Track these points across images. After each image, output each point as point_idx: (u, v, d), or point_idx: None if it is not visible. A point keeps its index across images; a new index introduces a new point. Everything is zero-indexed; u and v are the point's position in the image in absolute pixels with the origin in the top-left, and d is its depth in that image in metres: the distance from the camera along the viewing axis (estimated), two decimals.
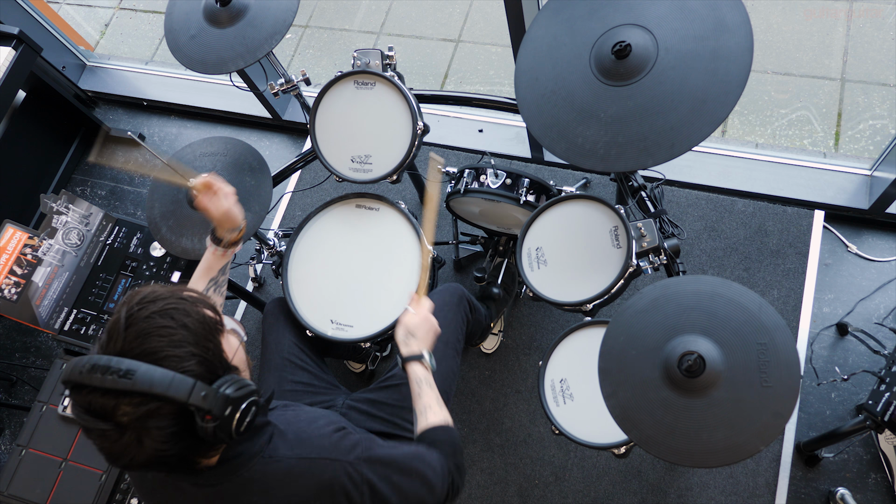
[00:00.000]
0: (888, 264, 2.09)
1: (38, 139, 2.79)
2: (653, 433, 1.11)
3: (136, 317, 0.88)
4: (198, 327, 0.90)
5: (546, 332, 2.18)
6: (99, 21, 3.56)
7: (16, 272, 1.75)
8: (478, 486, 2.04)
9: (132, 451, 0.85)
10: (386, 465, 1.10)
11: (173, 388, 0.84)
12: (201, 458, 0.97)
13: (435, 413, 1.25)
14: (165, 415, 0.85)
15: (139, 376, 0.83)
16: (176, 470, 0.97)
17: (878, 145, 2.37)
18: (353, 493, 1.05)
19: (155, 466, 0.90)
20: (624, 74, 1.27)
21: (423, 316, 1.34)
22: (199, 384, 0.86)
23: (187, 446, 0.90)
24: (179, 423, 0.87)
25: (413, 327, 1.33)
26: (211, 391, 0.87)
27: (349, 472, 1.05)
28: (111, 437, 0.85)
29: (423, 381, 1.28)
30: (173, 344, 0.87)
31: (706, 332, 1.13)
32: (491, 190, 1.76)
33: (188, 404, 0.85)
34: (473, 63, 2.94)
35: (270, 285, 2.48)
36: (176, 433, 0.87)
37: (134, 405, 0.83)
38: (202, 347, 0.90)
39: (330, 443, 1.08)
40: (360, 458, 1.07)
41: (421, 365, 1.30)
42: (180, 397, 0.84)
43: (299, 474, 1.03)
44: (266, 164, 1.72)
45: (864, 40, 2.56)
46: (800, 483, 1.88)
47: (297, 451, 1.05)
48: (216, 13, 1.64)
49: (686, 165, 2.31)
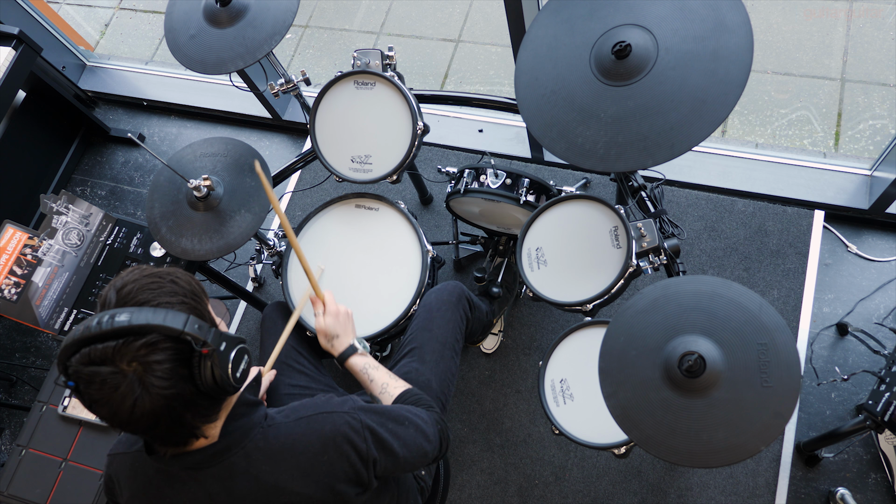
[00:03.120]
0: (888, 264, 2.09)
1: (38, 139, 2.79)
2: (653, 433, 1.11)
3: (123, 282, 0.91)
4: (185, 285, 0.94)
5: (546, 332, 2.18)
6: (99, 21, 3.56)
7: (16, 272, 1.75)
8: (478, 486, 2.04)
9: (135, 395, 0.85)
10: (380, 415, 1.13)
11: (168, 319, 0.86)
12: (201, 423, 0.97)
13: (395, 387, 1.29)
14: (164, 349, 0.86)
15: (134, 315, 0.85)
16: (177, 436, 0.96)
17: (878, 145, 2.37)
18: (358, 440, 1.06)
19: (158, 422, 0.90)
20: (624, 74, 1.27)
21: (331, 312, 1.39)
22: (193, 318, 0.89)
23: (188, 395, 0.90)
24: (178, 359, 0.88)
25: (329, 328, 1.37)
26: (204, 324, 0.90)
27: (348, 421, 1.07)
28: (113, 383, 0.84)
29: (367, 367, 1.33)
30: (164, 294, 0.91)
31: (706, 332, 1.13)
32: (491, 190, 1.76)
33: (184, 333, 0.87)
34: (473, 63, 2.94)
35: (270, 285, 2.48)
36: (175, 370, 0.88)
37: (131, 343, 0.85)
38: (191, 299, 0.93)
39: (322, 401, 1.11)
40: (355, 408, 1.10)
41: (357, 355, 1.34)
42: (176, 326, 0.86)
43: (301, 434, 1.05)
44: (266, 164, 1.72)
45: (864, 40, 2.56)
46: (800, 483, 1.88)
47: (293, 416, 1.07)
48: (216, 13, 1.64)
49: (686, 165, 2.31)
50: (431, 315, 1.61)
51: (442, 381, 1.54)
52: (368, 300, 1.69)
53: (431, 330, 1.58)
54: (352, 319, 1.43)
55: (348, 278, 1.72)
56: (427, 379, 1.51)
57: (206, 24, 1.66)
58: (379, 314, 1.67)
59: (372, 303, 1.69)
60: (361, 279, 1.72)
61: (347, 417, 1.08)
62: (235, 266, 2.46)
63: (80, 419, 1.81)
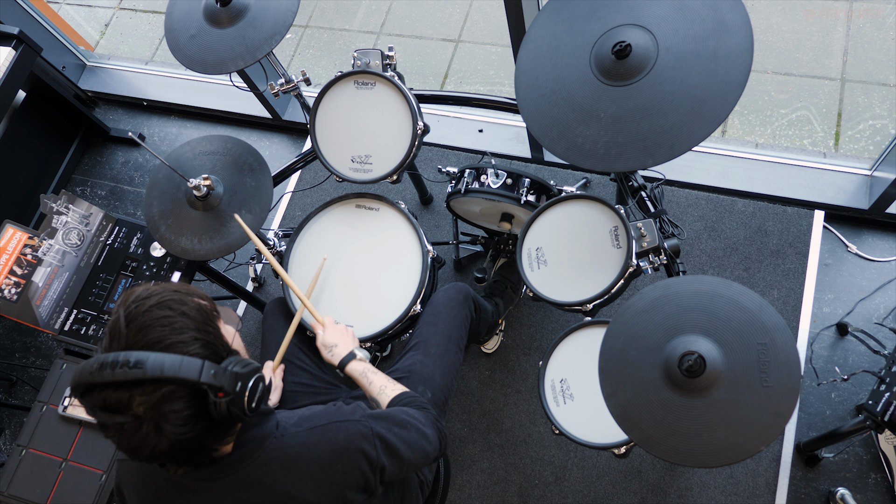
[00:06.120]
0: (888, 264, 2.09)
1: (38, 139, 2.79)
2: (653, 433, 1.11)
3: (134, 313, 0.89)
4: (196, 314, 0.93)
5: (546, 332, 2.18)
6: (99, 21, 3.56)
7: (16, 272, 1.74)
8: (478, 486, 2.04)
9: (152, 440, 0.87)
10: (385, 419, 1.15)
11: (184, 370, 0.86)
12: (218, 445, 0.98)
13: (392, 389, 1.32)
14: (180, 397, 0.87)
15: (149, 364, 0.84)
16: (195, 460, 0.98)
17: (878, 145, 2.37)
18: (369, 449, 1.08)
19: (177, 455, 0.92)
20: (624, 74, 1.27)
21: (329, 328, 1.47)
22: (208, 363, 0.89)
23: (204, 429, 0.91)
24: (194, 405, 0.88)
25: (329, 341, 1.44)
26: (220, 369, 0.90)
27: (361, 430, 1.09)
28: (130, 429, 0.86)
29: (366, 372, 1.36)
30: (175, 331, 0.89)
31: (706, 332, 1.13)
32: (491, 190, 1.76)
33: (200, 383, 0.87)
34: (473, 63, 2.94)
35: (270, 285, 2.48)
36: (192, 415, 0.88)
37: (148, 393, 0.85)
38: (203, 332, 0.92)
39: (333, 410, 1.13)
40: (365, 415, 1.12)
41: (355, 361, 1.39)
42: (191, 377, 0.86)
43: (315, 443, 1.06)
44: (266, 164, 1.72)
45: (864, 40, 2.56)
46: (800, 483, 1.88)
47: (306, 426, 1.08)
48: (216, 13, 1.64)
49: (686, 165, 2.31)
50: (438, 312, 1.64)
51: (445, 375, 1.56)
52: (368, 300, 1.69)
53: (437, 325, 1.61)
54: (351, 333, 1.49)
55: (348, 278, 1.72)
56: (431, 372, 1.54)
57: (206, 24, 1.66)
58: (379, 314, 1.67)
59: (372, 303, 1.69)
60: (362, 279, 1.72)
61: (359, 426, 1.09)
62: (235, 266, 2.46)
63: (80, 419, 1.81)
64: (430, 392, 1.51)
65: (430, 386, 1.51)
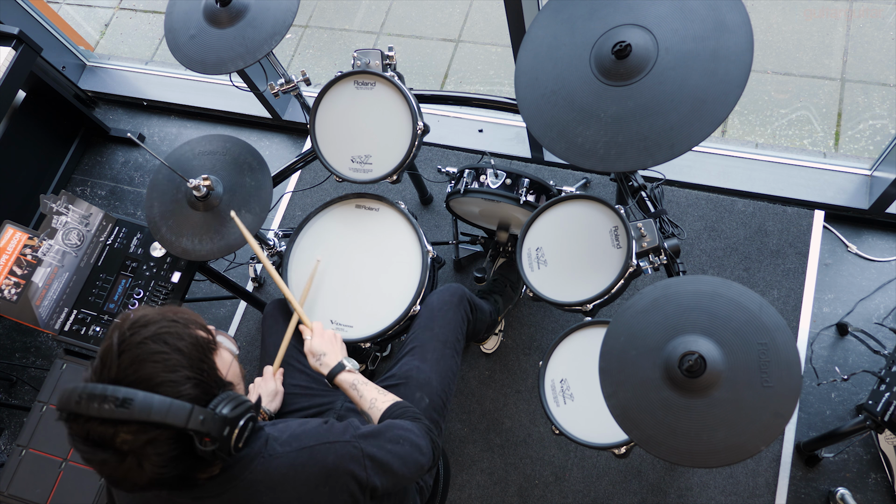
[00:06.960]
0: (888, 264, 2.09)
1: (38, 139, 2.79)
2: (653, 433, 1.11)
3: (128, 342, 0.87)
4: (191, 350, 0.91)
5: (546, 332, 2.18)
6: (99, 21, 3.56)
7: (16, 272, 1.74)
8: (478, 486, 2.04)
9: (133, 476, 0.86)
10: (377, 437, 1.14)
11: (171, 415, 0.84)
12: (202, 474, 0.98)
13: (383, 401, 1.31)
14: (164, 440, 0.85)
15: (137, 404, 0.83)
16: (178, 487, 0.97)
17: (878, 145, 2.37)
18: (358, 470, 1.07)
19: (157, 487, 0.90)
20: (624, 74, 1.27)
21: (318, 334, 1.44)
22: (197, 409, 0.87)
23: (188, 466, 0.91)
24: (179, 447, 0.87)
25: (318, 349, 1.41)
26: (208, 414, 0.88)
27: (350, 452, 1.08)
28: (111, 464, 0.85)
29: (355, 384, 1.35)
30: (168, 369, 0.88)
31: (707, 332, 1.13)
32: (491, 190, 1.76)
33: (186, 429, 0.85)
34: (473, 63, 2.94)
35: (270, 285, 2.48)
36: (176, 457, 0.87)
37: (133, 433, 0.83)
38: (197, 370, 0.91)
39: (324, 430, 1.11)
40: (355, 435, 1.11)
41: (345, 372, 1.36)
42: (178, 423, 0.85)
43: (303, 464, 1.05)
44: (266, 164, 1.72)
45: (864, 40, 2.56)
46: (800, 483, 1.88)
47: (295, 445, 1.07)
48: (216, 13, 1.64)
49: (686, 165, 2.31)
50: (433, 315, 1.62)
51: (443, 379, 1.55)
52: (368, 300, 1.69)
53: (433, 329, 1.59)
54: (340, 340, 1.47)
55: (348, 278, 1.72)
56: (428, 377, 1.52)
57: (206, 24, 1.66)
58: (379, 314, 1.67)
59: (372, 303, 1.69)
60: (361, 279, 1.72)
61: (349, 448, 1.08)
62: (235, 266, 2.46)
63: None
64: (428, 398, 1.49)
65: (427, 392, 1.50)
